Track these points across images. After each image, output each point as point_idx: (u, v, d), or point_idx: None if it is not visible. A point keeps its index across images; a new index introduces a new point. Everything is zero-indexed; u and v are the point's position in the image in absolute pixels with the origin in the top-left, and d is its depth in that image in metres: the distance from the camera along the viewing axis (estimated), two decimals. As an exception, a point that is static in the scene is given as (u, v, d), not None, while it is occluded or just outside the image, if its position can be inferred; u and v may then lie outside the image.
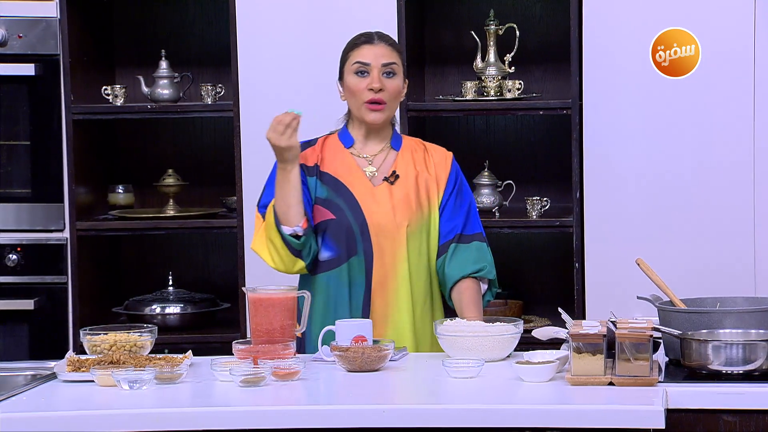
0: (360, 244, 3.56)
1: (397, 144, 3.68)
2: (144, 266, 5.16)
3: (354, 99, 3.62)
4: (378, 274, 3.56)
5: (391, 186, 3.62)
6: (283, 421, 2.87)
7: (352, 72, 3.61)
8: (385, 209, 3.59)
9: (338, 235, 3.57)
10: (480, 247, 3.65)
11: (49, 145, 4.83)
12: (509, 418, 2.85)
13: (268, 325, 3.33)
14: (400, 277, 3.57)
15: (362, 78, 3.60)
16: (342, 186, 3.60)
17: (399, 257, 3.57)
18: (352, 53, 3.63)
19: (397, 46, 3.69)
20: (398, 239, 3.57)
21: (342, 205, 3.58)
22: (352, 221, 3.57)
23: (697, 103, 4.48)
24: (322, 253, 3.58)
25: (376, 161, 3.65)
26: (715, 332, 3.17)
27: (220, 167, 5.06)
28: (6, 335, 4.85)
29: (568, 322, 3.26)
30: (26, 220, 4.85)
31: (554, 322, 4.33)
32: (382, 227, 3.57)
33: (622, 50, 4.50)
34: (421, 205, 3.62)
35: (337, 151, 3.65)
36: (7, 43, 4.81)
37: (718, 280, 4.41)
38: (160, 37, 5.11)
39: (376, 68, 3.59)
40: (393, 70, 3.61)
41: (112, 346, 3.30)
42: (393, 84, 3.61)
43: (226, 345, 3.52)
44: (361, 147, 3.66)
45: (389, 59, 3.61)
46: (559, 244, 4.90)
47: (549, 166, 4.99)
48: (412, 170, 3.65)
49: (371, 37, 3.64)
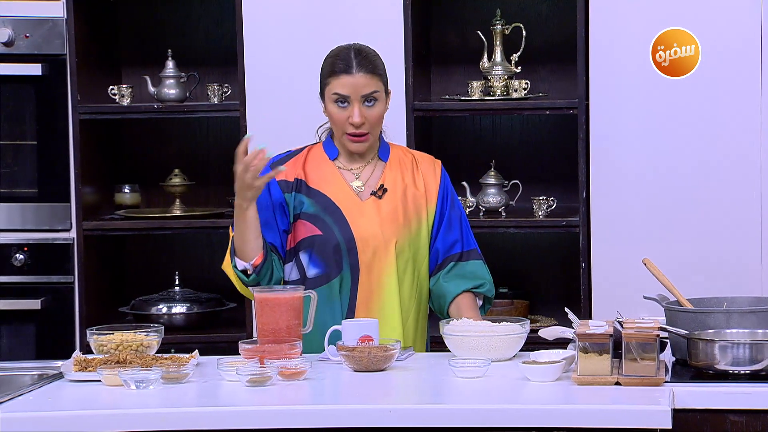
0: (346, 261, 3.50)
1: (384, 155, 3.59)
2: (150, 266, 5.16)
3: (335, 127, 3.52)
4: (363, 290, 3.51)
5: (379, 200, 3.54)
6: (289, 420, 2.87)
7: (332, 101, 3.48)
8: (373, 225, 3.51)
9: (325, 252, 3.50)
10: (479, 265, 3.60)
11: (56, 144, 4.83)
12: (515, 418, 2.85)
13: (274, 325, 3.33)
14: (386, 294, 3.51)
15: (343, 109, 3.48)
16: (329, 201, 3.52)
17: (386, 273, 3.51)
18: (331, 81, 3.48)
19: (377, 69, 3.49)
20: (386, 255, 3.51)
21: (329, 221, 3.51)
22: (340, 238, 3.50)
23: (703, 102, 4.48)
24: (310, 270, 3.52)
25: (363, 175, 3.57)
26: (721, 332, 3.17)
27: (226, 167, 5.04)
28: (13, 335, 4.85)
29: (575, 322, 3.25)
30: (33, 220, 4.86)
31: (560, 322, 4.33)
32: (370, 243, 3.50)
33: (628, 50, 4.50)
34: (409, 219, 3.55)
35: (322, 164, 3.56)
36: (14, 43, 4.81)
37: (724, 280, 4.41)
38: (166, 36, 5.11)
39: (356, 101, 3.46)
40: (374, 98, 3.47)
41: (119, 346, 3.31)
42: (374, 112, 3.48)
43: (232, 345, 3.52)
44: (347, 161, 3.57)
45: (369, 89, 3.46)
46: (565, 244, 4.90)
47: (555, 165, 4.99)
48: (400, 183, 3.56)
49: (349, 65, 3.46)
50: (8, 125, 4.86)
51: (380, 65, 3.53)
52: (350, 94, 3.47)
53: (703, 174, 4.49)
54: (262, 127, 4.67)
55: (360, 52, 3.51)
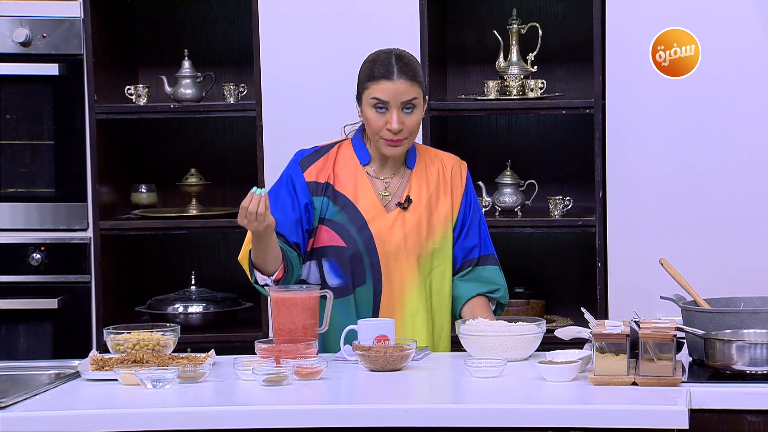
0: (369, 274, 3.49)
1: (411, 161, 3.56)
2: (167, 265, 5.17)
3: (372, 131, 3.48)
4: (386, 303, 3.49)
5: (404, 212, 3.51)
6: (305, 420, 2.88)
7: (370, 105, 3.44)
8: (397, 238, 3.49)
9: (347, 264, 3.49)
10: (495, 271, 3.59)
11: (73, 144, 4.84)
12: (532, 418, 2.84)
13: (290, 324, 3.33)
14: (408, 306, 3.50)
15: (381, 114, 3.43)
16: (353, 207, 3.50)
17: (409, 287, 3.50)
18: (370, 85, 3.44)
19: (418, 76, 3.45)
20: (409, 268, 3.49)
21: (353, 231, 3.49)
22: (363, 250, 3.48)
23: (721, 102, 4.46)
24: (332, 280, 3.50)
25: (392, 185, 3.54)
26: (739, 332, 3.16)
27: (242, 167, 5.07)
28: (30, 334, 4.87)
29: (591, 322, 3.25)
30: (50, 220, 4.87)
31: (577, 322, 4.32)
32: (393, 256, 3.49)
33: (645, 49, 4.48)
34: (434, 230, 3.53)
35: (352, 168, 3.53)
36: (31, 43, 4.83)
37: (741, 280, 4.39)
38: (182, 36, 5.12)
39: (396, 108, 3.42)
40: (413, 105, 3.43)
41: (136, 345, 3.31)
42: (412, 119, 3.45)
43: (248, 344, 3.52)
44: (378, 167, 3.54)
45: (409, 95, 3.42)
46: (581, 244, 4.89)
47: (571, 165, 4.98)
48: (425, 192, 3.53)
49: (390, 72, 3.42)
50: (25, 125, 4.87)
51: (420, 72, 3.49)
52: (390, 99, 3.43)
53: (721, 173, 4.47)
54: (278, 127, 4.67)
55: (401, 58, 3.47)
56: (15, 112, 4.87)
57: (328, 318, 3.42)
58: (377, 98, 3.44)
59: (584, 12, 4.81)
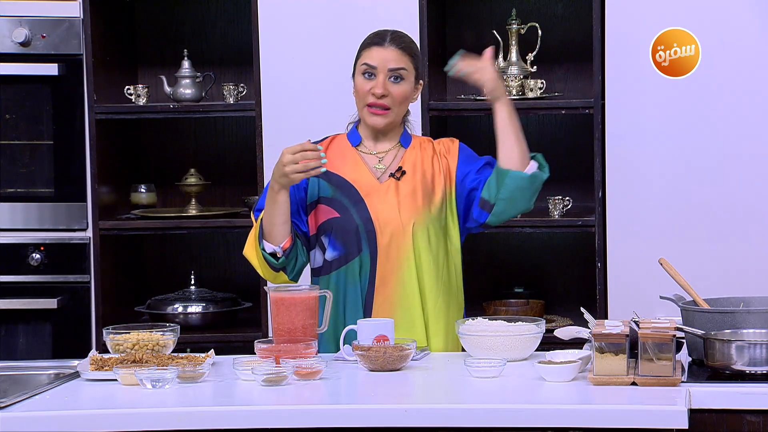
0: (365, 242, 3.53)
1: (406, 142, 3.63)
2: (166, 265, 5.17)
3: (358, 99, 3.57)
4: (382, 271, 3.53)
5: (397, 182, 3.57)
6: (305, 420, 2.88)
7: (360, 72, 3.55)
8: (391, 206, 3.54)
9: (343, 234, 3.53)
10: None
11: (72, 144, 4.84)
12: (531, 418, 2.84)
13: (290, 324, 3.33)
14: (406, 275, 3.53)
15: (368, 80, 3.54)
16: (347, 184, 3.56)
17: (405, 255, 3.53)
18: (362, 53, 3.56)
19: (411, 49, 3.58)
20: (404, 236, 3.53)
21: (347, 203, 3.54)
22: (357, 219, 3.53)
23: (720, 101, 4.47)
24: (329, 253, 3.55)
25: (386, 159, 3.60)
26: (738, 332, 3.16)
27: (242, 167, 5.07)
28: (29, 334, 4.87)
29: (591, 322, 3.25)
30: (49, 220, 4.87)
31: (576, 322, 4.32)
32: (387, 224, 3.53)
33: (645, 49, 4.49)
34: (429, 200, 3.57)
35: (344, 150, 3.60)
36: (31, 43, 4.83)
37: (741, 280, 4.40)
38: (182, 36, 5.12)
39: (383, 73, 3.53)
40: (400, 75, 3.53)
41: (135, 345, 3.31)
42: (399, 89, 3.53)
43: (248, 344, 3.52)
44: (371, 144, 3.61)
45: (397, 64, 3.53)
46: (581, 244, 4.89)
47: (571, 165, 4.98)
48: (419, 165, 3.59)
49: (383, 39, 3.55)
50: (25, 125, 4.87)
51: (414, 48, 3.60)
52: (378, 64, 3.53)
53: (720, 174, 4.48)
54: (278, 127, 4.67)
55: (397, 32, 3.60)
56: (14, 112, 4.88)
57: (327, 318, 3.43)
58: (367, 64, 3.54)
59: (584, 12, 4.81)
